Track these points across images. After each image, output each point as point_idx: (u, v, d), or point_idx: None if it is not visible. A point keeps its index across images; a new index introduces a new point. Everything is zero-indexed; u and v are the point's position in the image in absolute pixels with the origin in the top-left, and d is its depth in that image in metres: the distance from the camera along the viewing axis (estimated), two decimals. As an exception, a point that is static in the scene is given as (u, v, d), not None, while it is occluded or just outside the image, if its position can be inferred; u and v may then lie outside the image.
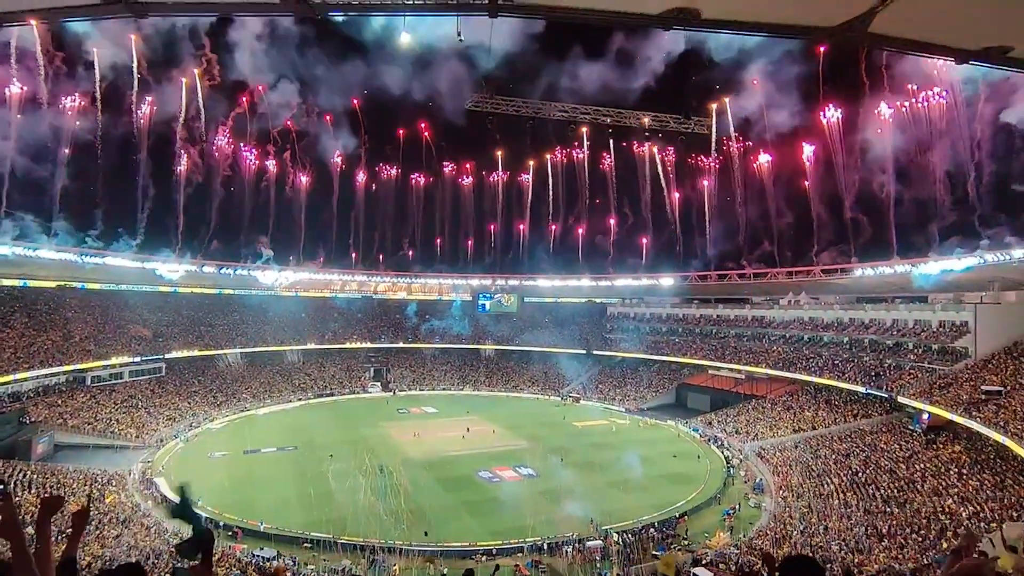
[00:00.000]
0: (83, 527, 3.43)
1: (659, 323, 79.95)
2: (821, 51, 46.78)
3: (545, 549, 29.22)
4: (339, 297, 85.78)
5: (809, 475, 38.33)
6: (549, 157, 78.92)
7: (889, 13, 4.38)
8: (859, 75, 49.86)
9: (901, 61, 46.61)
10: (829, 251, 58.32)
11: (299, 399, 66.68)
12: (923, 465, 35.02)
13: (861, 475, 36.15)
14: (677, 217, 73.66)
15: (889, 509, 31.15)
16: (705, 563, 25.71)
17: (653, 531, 31.42)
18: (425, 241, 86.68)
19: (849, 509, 32.26)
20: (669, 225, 74.40)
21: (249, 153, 70.56)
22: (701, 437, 52.94)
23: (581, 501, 34.32)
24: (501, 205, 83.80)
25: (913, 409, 41.32)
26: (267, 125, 70.14)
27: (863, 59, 48.39)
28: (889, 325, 52.62)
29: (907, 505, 31.06)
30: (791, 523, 31.74)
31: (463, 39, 26.18)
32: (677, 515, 33.84)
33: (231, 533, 29.93)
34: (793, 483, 37.89)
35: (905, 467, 35.50)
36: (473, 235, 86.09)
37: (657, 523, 32.44)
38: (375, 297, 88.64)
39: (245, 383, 66.36)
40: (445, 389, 75.35)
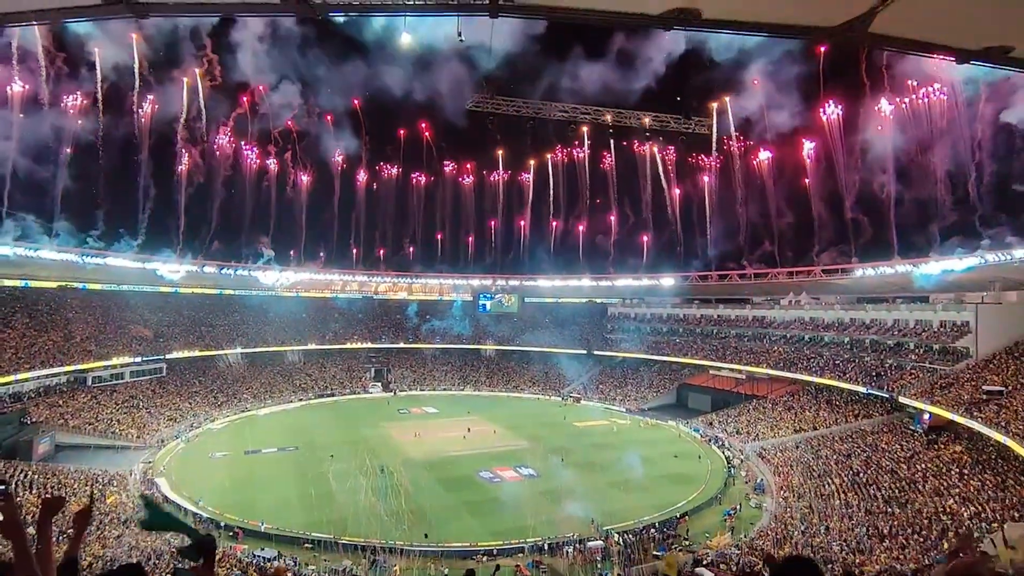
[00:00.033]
0: (85, 527, 3.43)
1: (660, 323, 79.90)
2: (821, 51, 46.81)
3: (546, 549, 29.21)
4: (340, 297, 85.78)
5: (810, 475, 38.30)
6: (550, 157, 79.00)
7: (889, 13, 4.37)
8: (859, 75, 49.97)
9: (901, 61, 46.61)
10: (830, 251, 58.35)
11: (300, 399, 66.73)
12: (924, 465, 34.98)
13: (862, 475, 36.11)
14: (678, 217, 73.87)
15: (890, 509, 31.11)
16: (706, 563, 25.58)
17: (654, 531, 31.42)
18: (426, 241, 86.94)
19: (850, 509, 32.22)
20: (670, 225, 74.58)
21: (250, 153, 70.71)
22: (702, 437, 52.92)
23: (582, 501, 34.29)
24: (502, 205, 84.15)
25: (914, 409, 41.25)
26: (268, 125, 70.36)
27: (863, 59, 48.46)
28: (890, 325, 52.57)
29: (908, 505, 31.02)
30: (792, 523, 31.71)
31: (464, 39, 26.23)
32: (678, 515, 33.83)
33: (232, 533, 30.01)
34: (794, 483, 37.85)
35: (906, 467, 35.46)
36: (474, 235, 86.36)
37: (658, 523, 32.43)
38: (376, 297, 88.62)
39: (246, 383, 66.40)
40: (446, 389, 75.33)
